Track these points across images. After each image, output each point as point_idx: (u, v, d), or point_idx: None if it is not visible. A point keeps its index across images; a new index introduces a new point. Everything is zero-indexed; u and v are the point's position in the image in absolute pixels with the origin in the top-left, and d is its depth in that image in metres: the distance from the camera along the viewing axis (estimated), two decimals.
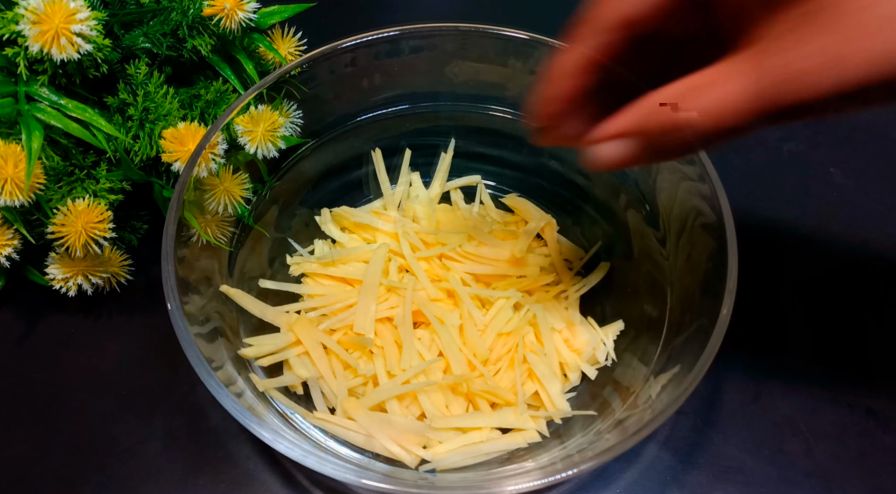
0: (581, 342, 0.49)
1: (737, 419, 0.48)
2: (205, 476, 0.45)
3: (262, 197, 0.51)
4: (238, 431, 0.47)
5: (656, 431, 0.45)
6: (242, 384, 0.42)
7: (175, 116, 0.48)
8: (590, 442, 0.41)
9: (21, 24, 0.41)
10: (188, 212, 0.44)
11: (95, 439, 0.47)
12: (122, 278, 0.51)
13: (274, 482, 0.45)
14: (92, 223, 0.44)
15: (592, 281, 0.52)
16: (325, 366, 0.47)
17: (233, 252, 0.49)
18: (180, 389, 0.48)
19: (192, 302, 0.42)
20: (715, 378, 0.49)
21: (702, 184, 0.43)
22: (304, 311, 0.50)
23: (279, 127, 0.47)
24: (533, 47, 0.50)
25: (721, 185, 0.42)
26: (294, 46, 0.55)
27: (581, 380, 0.48)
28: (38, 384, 0.49)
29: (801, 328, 0.52)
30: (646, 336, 0.47)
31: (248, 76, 0.51)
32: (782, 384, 0.49)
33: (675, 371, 0.40)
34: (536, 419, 0.46)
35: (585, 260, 0.53)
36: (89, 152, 0.48)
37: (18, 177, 0.41)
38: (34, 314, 0.52)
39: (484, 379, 0.46)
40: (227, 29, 0.48)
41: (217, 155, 0.45)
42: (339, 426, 0.44)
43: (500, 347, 0.48)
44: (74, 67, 0.44)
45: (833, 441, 0.47)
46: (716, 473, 0.46)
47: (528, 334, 0.49)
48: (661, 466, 0.46)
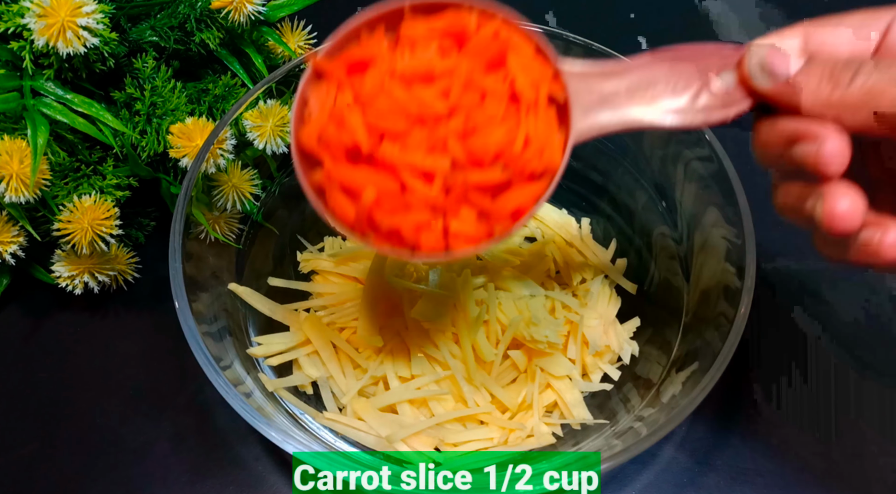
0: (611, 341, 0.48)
1: (754, 420, 0.47)
2: (213, 477, 0.45)
3: (271, 193, 0.50)
4: (247, 431, 0.46)
5: (672, 432, 0.44)
6: (251, 384, 0.42)
7: (183, 110, 0.47)
8: (605, 443, 0.41)
9: (26, 18, 0.41)
10: (196, 209, 0.44)
11: (102, 439, 0.46)
12: (128, 276, 0.51)
13: (283, 483, 0.45)
14: (98, 220, 0.44)
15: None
16: (335, 366, 0.46)
17: (241, 250, 0.49)
18: (188, 389, 0.48)
19: (200, 300, 0.42)
20: (732, 379, 0.48)
21: (721, 182, 0.43)
22: (314, 309, 0.49)
23: (289, 122, 0.47)
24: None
25: (739, 182, 0.42)
26: (304, 40, 0.55)
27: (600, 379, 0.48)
28: (44, 383, 0.49)
29: (819, 328, 0.51)
30: (663, 335, 0.46)
31: (257, 70, 0.51)
32: (802, 384, 0.49)
33: (693, 370, 0.40)
34: (551, 425, 0.45)
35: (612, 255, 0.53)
36: (96, 148, 0.48)
37: (24, 173, 0.41)
38: (40, 312, 0.52)
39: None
40: (235, 22, 0.48)
41: (225, 151, 0.45)
42: (350, 426, 0.44)
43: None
44: (81, 62, 0.43)
45: (851, 444, 0.46)
46: (733, 475, 0.45)
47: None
48: (677, 468, 0.45)
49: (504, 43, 0.33)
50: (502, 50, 0.33)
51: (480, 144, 0.32)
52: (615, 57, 0.47)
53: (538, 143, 0.32)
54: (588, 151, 0.52)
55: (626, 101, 0.33)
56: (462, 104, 0.32)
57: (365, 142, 0.32)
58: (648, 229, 0.51)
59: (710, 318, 0.42)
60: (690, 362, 0.41)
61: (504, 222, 0.33)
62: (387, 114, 0.32)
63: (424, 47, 0.33)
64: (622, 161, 0.51)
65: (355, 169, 0.32)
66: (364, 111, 0.32)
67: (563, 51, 0.48)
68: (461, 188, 0.32)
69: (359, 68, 0.33)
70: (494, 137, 0.32)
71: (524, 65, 0.33)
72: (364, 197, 0.32)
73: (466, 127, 0.32)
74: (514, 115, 0.33)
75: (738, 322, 0.38)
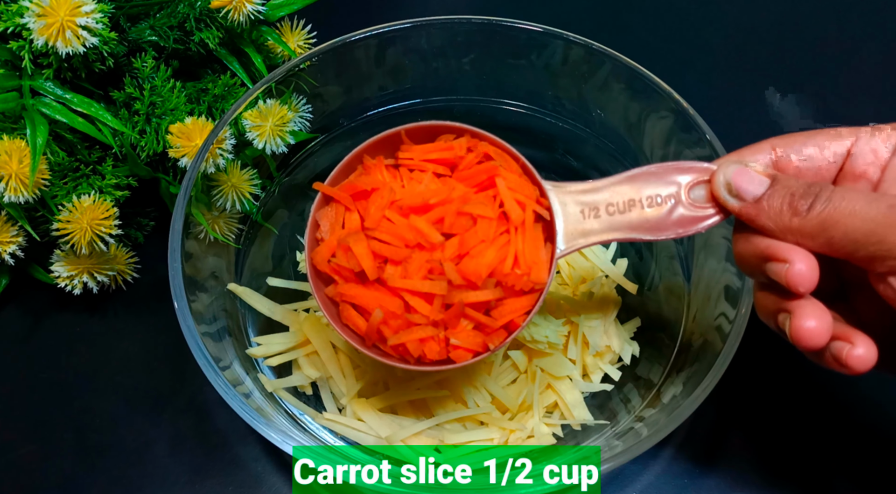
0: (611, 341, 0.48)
1: (756, 421, 0.47)
2: (212, 478, 0.45)
3: (270, 193, 0.50)
4: (246, 432, 0.46)
5: (673, 433, 0.44)
6: (250, 385, 0.42)
7: (182, 110, 0.47)
8: (606, 444, 0.41)
9: (26, 17, 0.41)
10: (195, 208, 0.43)
11: (101, 440, 0.46)
12: (128, 276, 0.51)
13: (283, 484, 0.45)
14: (97, 220, 0.43)
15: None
16: (335, 366, 0.46)
17: (241, 249, 0.49)
18: (187, 389, 0.48)
19: (200, 300, 0.42)
20: (733, 379, 0.48)
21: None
22: (314, 309, 0.49)
23: (288, 122, 0.47)
24: (547, 40, 0.49)
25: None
26: (304, 39, 0.54)
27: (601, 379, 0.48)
28: (43, 384, 0.49)
29: None
30: (664, 335, 0.46)
31: (257, 70, 0.50)
32: (802, 385, 0.48)
33: (694, 370, 0.40)
34: (551, 425, 0.45)
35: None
36: (95, 148, 0.48)
37: (23, 173, 0.41)
38: (39, 312, 0.52)
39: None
40: (235, 21, 0.47)
41: (225, 150, 0.45)
42: (350, 427, 0.44)
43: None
44: (80, 61, 0.43)
45: (855, 443, 0.46)
46: (734, 477, 0.45)
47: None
48: (678, 469, 0.45)
49: (492, 168, 0.37)
50: (490, 174, 0.37)
51: (473, 267, 0.35)
52: (616, 58, 0.47)
53: (526, 261, 0.36)
54: (589, 151, 0.52)
55: (607, 216, 0.36)
56: (455, 230, 0.36)
57: (371, 270, 0.36)
58: None
59: (711, 318, 0.42)
60: (691, 362, 0.41)
61: (498, 334, 0.37)
62: (389, 242, 0.36)
63: (420, 176, 0.38)
64: (623, 161, 0.50)
65: (365, 290, 0.37)
66: (368, 240, 0.36)
67: (564, 50, 0.48)
68: (459, 306, 0.35)
69: (363, 195, 0.38)
70: (486, 259, 0.35)
71: (511, 185, 0.37)
72: (373, 318, 0.36)
73: (461, 250, 0.36)
74: (503, 234, 0.36)
75: (738, 322, 0.39)
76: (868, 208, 0.29)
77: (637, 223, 0.35)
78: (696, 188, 0.34)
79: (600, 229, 0.36)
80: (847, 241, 0.29)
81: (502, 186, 0.37)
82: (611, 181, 0.36)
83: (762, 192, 0.32)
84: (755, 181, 0.32)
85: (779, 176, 0.32)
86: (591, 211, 0.36)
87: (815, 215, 0.30)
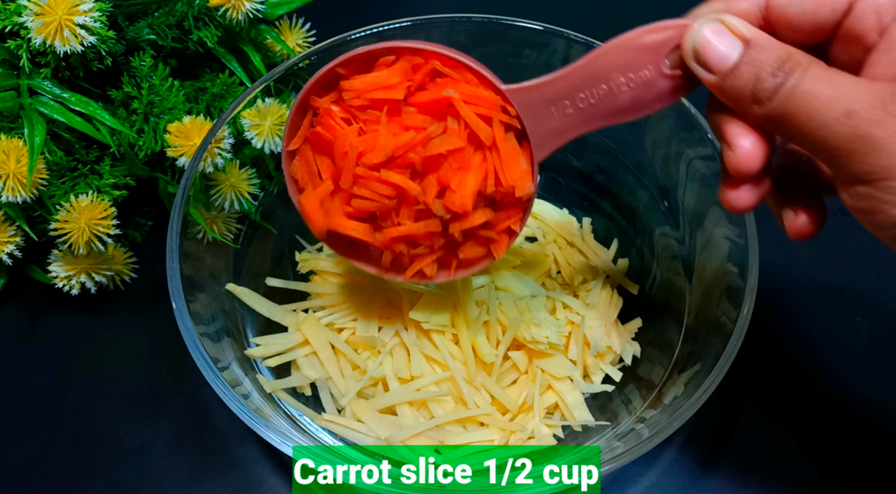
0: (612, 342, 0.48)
1: (757, 422, 0.47)
2: (211, 479, 0.45)
3: (269, 193, 0.50)
4: (245, 433, 0.46)
5: (674, 434, 0.44)
6: (249, 385, 0.42)
7: (180, 109, 0.47)
8: (607, 445, 0.41)
9: (23, 16, 0.41)
10: (193, 208, 0.43)
11: (99, 441, 0.46)
12: (126, 277, 0.51)
13: (282, 485, 0.44)
14: (95, 220, 0.43)
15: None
16: (334, 367, 0.46)
17: (239, 249, 0.48)
18: (186, 390, 0.48)
19: (198, 301, 0.42)
20: (735, 380, 0.48)
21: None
22: (313, 310, 0.49)
23: (287, 121, 0.46)
24: (548, 39, 0.49)
25: None
26: (302, 38, 0.55)
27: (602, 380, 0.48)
28: (41, 384, 0.49)
29: (821, 330, 0.51)
30: (665, 335, 0.46)
31: (255, 69, 0.50)
32: (804, 386, 0.48)
33: (695, 371, 0.40)
34: (552, 427, 0.45)
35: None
36: (93, 147, 0.48)
37: (21, 172, 0.41)
38: (37, 313, 0.52)
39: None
40: (233, 20, 0.47)
41: (223, 150, 0.44)
42: (349, 428, 0.44)
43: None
44: (78, 60, 0.43)
45: (856, 444, 0.46)
46: (736, 477, 0.45)
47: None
48: (679, 470, 0.45)
49: (443, 88, 0.35)
50: (445, 99, 0.35)
51: (459, 199, 0.35)
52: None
53: (507, 177, 0.36)
54: (589, 150, 0.52)
55: (579, 107, 0.34)
56: (429, 169, 0.36)
57: (366, 235, 0.38)
58: (650, 229, 0.50)
59: (713, 319, 0.42)
60: (693, 363, 0.41)
61: (501, 241, 0.39)
62: (370, 198, 0.37)
63: (374, 115, 0.36)
64: (623, 160, 0.50)
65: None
66: (349, 203, 0.37)
67: (565, 48, 0.48)
68: (457, 235, 0.37)
69: (327, 144, 0.37)
70: (468, 189, 0.36)
71: (469, 99, 0.35)
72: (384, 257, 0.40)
73: (440, 184, 0.36)
74: (478, 152, 0.36)
75: (740, 323, 0.38)
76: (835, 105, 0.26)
77: (613, 108, 0.33)
78: (674, 53, 0.31)
79: (576, 123, 0.34)
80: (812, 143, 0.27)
81: (462, 108, 0.35)
82: (576, 66, 0.33)
83: (732, 62, 0.28)
84: (726, 44, 0.29)
85: (754, 41, 0.28)
86: (560, 107, 0.34)
87: (775, 106, 0.27)
